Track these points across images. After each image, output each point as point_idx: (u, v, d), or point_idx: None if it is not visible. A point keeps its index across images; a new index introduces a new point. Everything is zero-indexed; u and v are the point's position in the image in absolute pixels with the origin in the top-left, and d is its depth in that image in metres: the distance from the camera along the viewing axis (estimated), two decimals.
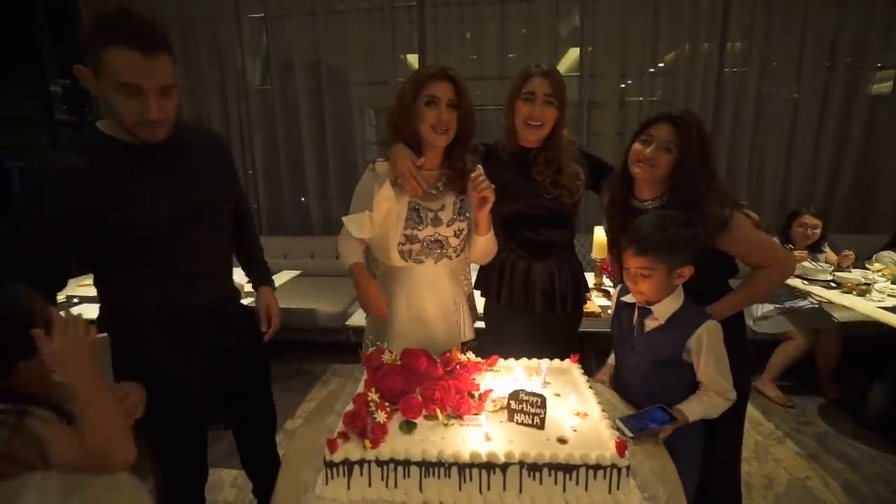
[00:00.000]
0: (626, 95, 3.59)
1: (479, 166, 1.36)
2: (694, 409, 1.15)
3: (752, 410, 2.57)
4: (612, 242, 1.45)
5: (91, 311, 2.10)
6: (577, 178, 1.47)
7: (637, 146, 1.28)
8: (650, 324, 1.22)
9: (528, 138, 1.47)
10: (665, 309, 1.20)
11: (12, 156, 3.36)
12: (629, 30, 3.42)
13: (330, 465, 0.88)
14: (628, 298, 1.29)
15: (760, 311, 2.78)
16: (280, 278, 2.81)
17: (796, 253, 2.53)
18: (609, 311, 1.48)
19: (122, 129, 1.06)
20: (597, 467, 0.87)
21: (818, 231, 2.67)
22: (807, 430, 2.39)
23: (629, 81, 3.56)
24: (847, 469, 2.09)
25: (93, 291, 1.23)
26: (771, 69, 3.39)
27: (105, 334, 1.12)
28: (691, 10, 3.33)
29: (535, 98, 1.42)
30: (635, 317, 1.26)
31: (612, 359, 1.41)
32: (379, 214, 1.33)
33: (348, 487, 0.89)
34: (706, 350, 1.15)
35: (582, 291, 1.59)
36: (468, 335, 1.53)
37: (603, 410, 1.05)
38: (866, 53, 3.30)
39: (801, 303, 2.71)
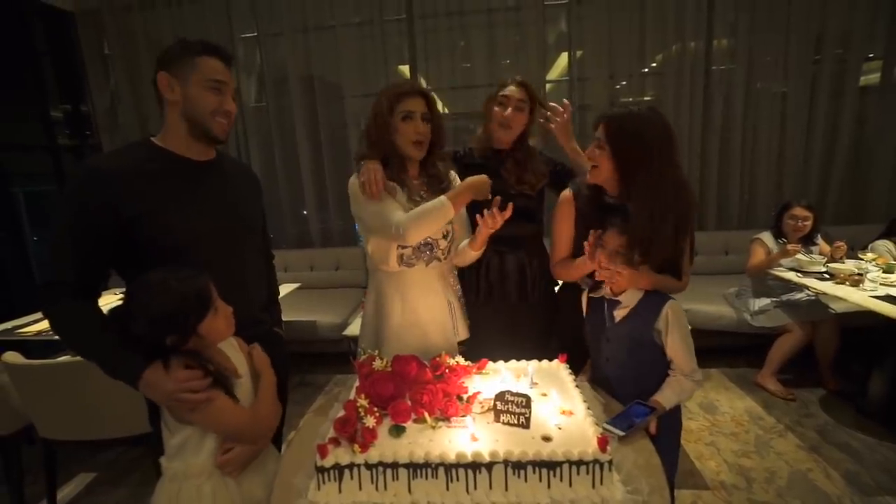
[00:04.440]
0: (618, 97, 3.63)
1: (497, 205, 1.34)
2: (667, 396, 1.20)
3: (752, 405, 2.58)
4: (579, 238, 1.44)
5: None
6: (539, 175, 1.63)
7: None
8: (620, 313, 1.27)
9: (501, 138, 1.61)
10: (631, 297, 1.26)
11: (16, 180, 3.45)
12: (616, 33, 3.47)
13: (321, 470, 0.91)
14: (596, 294, 1.34)
15: (757, 306, 2.79)
16: (280, 291, 2.85)
17: (789, 246, 2.54)
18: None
19: (178, 142, 1.18)
20: (580, 463, 0.89)
21: (808, 223, 2.68)
22: (808, 423, 2.39)
23: (623, 83, 3.61)
24: (848, 459, 2.09)
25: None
26: (758, 64, 3.43)
27: None
28: (676, 10, 3.38)
29: (509, 102, 1.57)
30: (606, 309, 1.31)
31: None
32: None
33: (339, 491, 0.91)
34: (672, 326, 1.21)
35: (550, 281, 1.68)
36: (462, 334, 1.56)
37: (588, 408, 1.07)
38: (853, 45, 3.32)
39: (798, 295, 2.72)
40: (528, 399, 1.01)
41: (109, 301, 1.13)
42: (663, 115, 1.28)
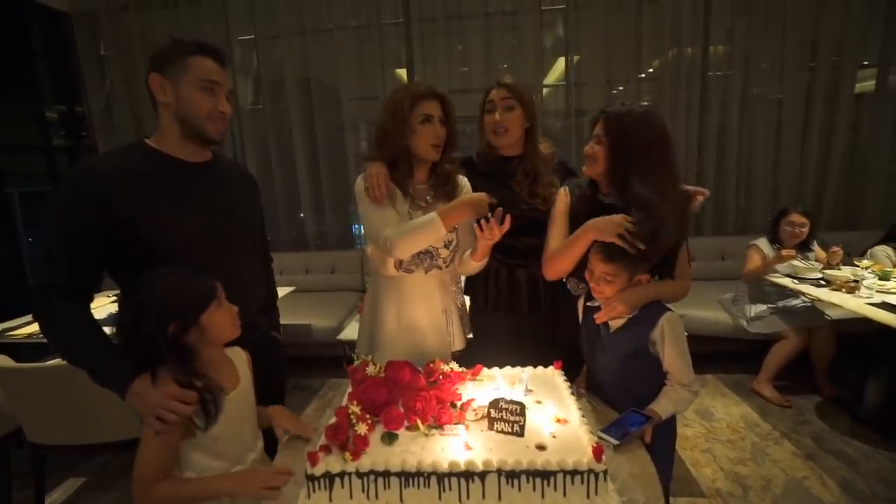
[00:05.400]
0: (615, 102, 3.64)
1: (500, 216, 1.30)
2: (664, 406, 1.19)
3: (748, 411, 2.57)
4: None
5: None
6: (551, 187, 1.55)
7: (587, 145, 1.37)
8: (615, 323, 1.27)
9: (503, 144, 1.55)
10: None
11: (11, 181, 3.42)
12: (613, 38, 3.48)
13: (311, 478, 0.89)
14: (593, 302, 1.33)
15: (753, 312, 2.79)
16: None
17: (784, 252, 2.54)
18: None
19: (172, 143, 1.17)
20: (574, 472, 0.88)
21: (805, 230, 2.68)
22: (804, 430, 2.38)
23: (620, 88, 3.62)
24: (844, 467, 2.08)
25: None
26: (754, 70, 3.44)
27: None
28: (673, 16, 3.39)
29: (495, 106, 1.52)
30: None
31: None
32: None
33: (330, 500, 0.90)
34: (668, 339, 1.20)
35: (560, 293, 1.62)
36: (458, 345, 1.54)
37: (583, 416, 1.06)
38: (848, 52, 3.34)
39: (794, 302, 2.72)
40: (522, 407, 1.00)
41: (102, 304, 1.12)
42: (660, 115, 1.30)
